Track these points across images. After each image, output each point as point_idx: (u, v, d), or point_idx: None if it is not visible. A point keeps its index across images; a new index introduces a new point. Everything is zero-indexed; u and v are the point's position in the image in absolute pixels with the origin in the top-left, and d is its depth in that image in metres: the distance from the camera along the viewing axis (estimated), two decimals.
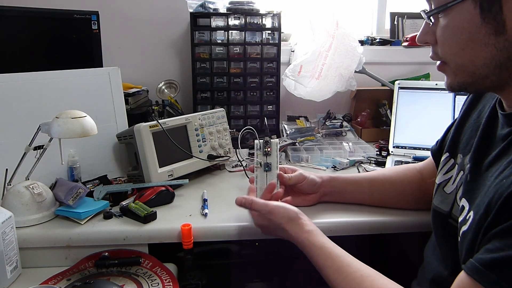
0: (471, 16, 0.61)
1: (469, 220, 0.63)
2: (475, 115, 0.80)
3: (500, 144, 0.66)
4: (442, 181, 0.82)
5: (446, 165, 0.82)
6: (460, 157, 0.79)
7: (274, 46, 1.61)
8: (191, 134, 1.24)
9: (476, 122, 0.78)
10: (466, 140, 0.79)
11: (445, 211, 0.77)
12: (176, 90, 1.67)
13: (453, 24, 0.64)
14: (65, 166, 1.12)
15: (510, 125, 0.66)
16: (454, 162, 0.81)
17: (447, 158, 0.83)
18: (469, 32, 0.62)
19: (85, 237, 0.92)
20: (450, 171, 0.80)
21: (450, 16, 0.64)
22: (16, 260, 0.86)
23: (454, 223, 0.73)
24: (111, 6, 1.70)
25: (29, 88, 1.09)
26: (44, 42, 1.37)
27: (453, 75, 0.68)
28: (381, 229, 0.98)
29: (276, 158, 0.99)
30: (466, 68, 0.65)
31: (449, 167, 0.81)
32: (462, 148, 0.79)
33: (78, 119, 0.92)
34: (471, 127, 0.79)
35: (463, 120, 0.83)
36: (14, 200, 0.93)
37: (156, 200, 1.03)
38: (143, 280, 0.86)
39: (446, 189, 0.80)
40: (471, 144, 0.75)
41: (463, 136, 0.81)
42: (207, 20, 1.61)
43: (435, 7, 0.65)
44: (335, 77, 1.57)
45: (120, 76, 1.27)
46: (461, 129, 0.82)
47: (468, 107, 0.84)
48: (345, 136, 1.63)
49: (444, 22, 0.65)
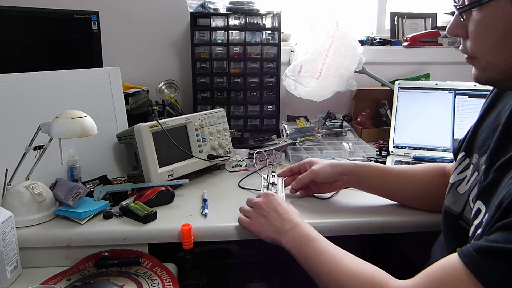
0: (507, 13, 0.59)
1: (484, 224, 0.61)
2: (494, 114, 0.77)
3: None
4: (455, 181, 0.80)
5: (461, 164, 0.80)
6: (476, 157, 0.76)
7: (274, 46, 1.61)
8: (191, 134, 1.24)
9: (494, 122, 0.76)
10: (483, 140, 0.76)
11: (457, 212, 0.75)
12: (176, 90, 1.67)
13: (486, 21, 0.62)
14: (65, 166, 1.12)
15: None
16: (469, 162, 0.78)
17: (462, 157, 0.81)
18: (504, 30, 0.60)
19: (85, 237, 0.92)
20: (465, 171, 0.78)
21: (484, 12, 0.61)
22: (16, 260, 0.86)
23: (465, 225, 0.71)
24: (111, 6, 1.70)
25: (29, 88, 1.09)
26: (44, 42, 1.37)
27: (482, 70, 0.66)
28: (381, 229, 0.98)
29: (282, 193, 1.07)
30: (496, 66, 0.64)
31: (464, 167, 0.79)
32: (478, 148, 0.77)
33: (78, 119, 0.92)
34: (489, 126, 0.76)
35: (482, 119, 0.80)
36: (14, 200, 0.93)
37: (156, 200, 1.03)
38: (143, 280, 0.86)
39: (459, 190, 0.77)
40: (487, 144, 0.73)
41: (480, 135, 0.78)
42: (207, 20, 1.61)
43: (468, 3, 0.63)
44: (335, 77, 1.57)
45: (120, 76, 1.27)
46: (478, 128, 0.80)
47: (488, 106, 0.81)
48: (345, 136, 1.63)
49: (477, 18, 0.63)
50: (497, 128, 0.72)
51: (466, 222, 0.72)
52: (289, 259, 0.81)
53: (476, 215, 0.65)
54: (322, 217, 0.98)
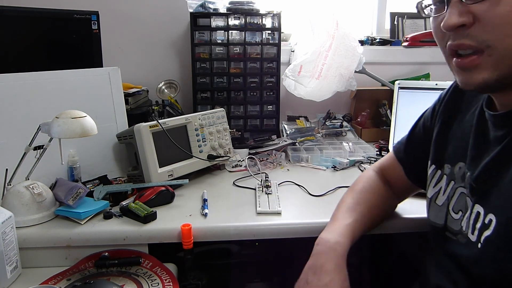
0: None
1: (493, 224, 0.61)
2: (456, 123, 0.78)
3: (497, 146, 0.64)
4: (433, 194, 0.80)
5: (434, 177, 0.80)
6: (448, 167, 0.77)
7: (274, 46, 1.61)
8: (191, 134, 1.24)
9: (460, 130, 0.76)
10: (453, 149, 0.76)
11: (441, 224, 0.76)
12: (176, 90, 1.67)
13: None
14: (65, 166, 1.12)
15: (506, 125, 0.64)
16: (441, 173, 0.79)
17: (434, 170, 0.81)
18: None
19: (85, 237, 0.92)
20: (439, 183, 0.79)
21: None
22: (16, 260, 0.86)
23: (451, 236, 0.73)
24: (111, 6, 1.70)
25: (29, 88, 1.09)
26: (44, 42, 1.37)
27: (494, 67, 0.58)
28: (381, 229, 0.98)
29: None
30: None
31: (438, 179, 0.80)
32: (449, 158, 0.77)
33: (78, 119, 0.92)
34: (455, 136, 0.77)
35: (443, 130, 0.80)
36: (14, 200, 0.93)
37: (156, 200, 1.03)
38: (143, 280, 0.86)
39: (438, 202, 0.78)
40: (460, 153, 0.73)
41: (448, 145, 0.78)
42: (207, 20, 1.61)
43: None
44: (335, 77, 1.57)
45: (120, 76, 1.27)
46: (443, 138, 0.80)
47: (446, 118, 0.81)
48: (345, 136, 1.63)
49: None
50: (465, 136, 0.73)
51: (451, 232, 0.73)
52: (289, 259, 0.81)
53: (477, 219, 0.65)
54: (322, 217, 0.98)
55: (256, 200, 1.06)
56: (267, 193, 1.10)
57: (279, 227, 0.96)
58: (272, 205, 1.02)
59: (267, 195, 1.09)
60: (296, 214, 1.01)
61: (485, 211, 0.64)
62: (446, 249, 0.74)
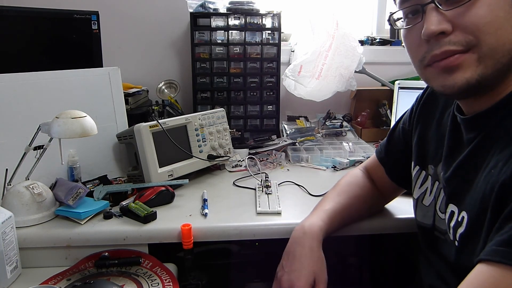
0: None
1: (465, 221, 0.63)
2: (434, 125, 0.79)
3: (466, 148, 0.66)
4: (419, 195, 0.81)
5: (419, 178, 0.82)
6: (431, 168, 0.78)
7: (274, 46, 1.61)
8: (191, 134, 1.24)
9: (438, 132, 0.77)
10: (434, 151, 0.78)
11: (429, 224, 0.77)
12: (176, 90, 1.67)
13: (489, 1, 0.56)
14: (65, 166, 1.12)
15: (474, 129, 0.65)
16: (426, 174, 0.80)
17: (418, 171, 0.82)
18: (504, 10, 0.57)
19: (85, 237, 0.92)
20: (425, 183, 0.80)
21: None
22: (16, 260, 0.86)
23: (440, 235, 0.73)
24: (111, 6, 1.70)
25: (29, 88, 1.09)
26: (44, 42, 1.37)
27: (475, 65, 0.58)
28: (381, 229, 0.98)
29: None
30: (495, 53, 0.58)
31: (423, 180, 0.81)
32: (431, 158, 0.78)
33: (78, 119, 0.92)
34: (434, 137, 0.78)
35: (424, 131, 0.82)
36: (14, 200, 0.93)
37: (156, 200, 1.03)
38: (143, 280, 0.86)
39: (425, 202, 0.79)
40: (440, 153, 0.75)
41: (429, 146, 0.80)
42: (207, 20, 1.61)
43: None
44: (335, 77, 1.57)
45: (120, 76, 1.27)
46: (424, 140, 0.81)
47: (424, 119, 0.82)
48: (345, 136, 1.63)
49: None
50: (442, 137, 0.74)
51: (440, 232, 0.74)
52: None
53: (451, 218, 0.67)
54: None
55: (256, 200, 1.06)
56: (267, 193, 1.10)
57: (279, 227, 0.96)
58: (272, 205, 1.02)
59: (267, 195, 1.09)
60: (296, 214, 1.00)
61: (459, 210, 0.66)
62: (436, 248, 0.75)
